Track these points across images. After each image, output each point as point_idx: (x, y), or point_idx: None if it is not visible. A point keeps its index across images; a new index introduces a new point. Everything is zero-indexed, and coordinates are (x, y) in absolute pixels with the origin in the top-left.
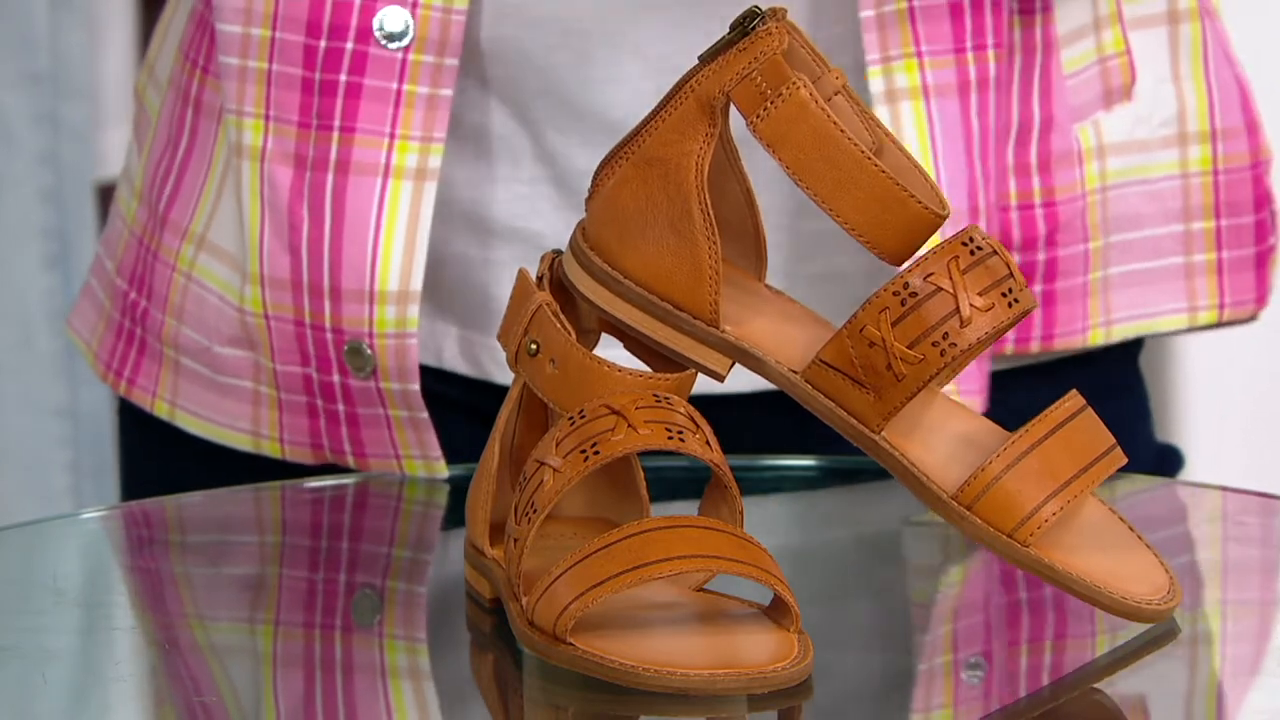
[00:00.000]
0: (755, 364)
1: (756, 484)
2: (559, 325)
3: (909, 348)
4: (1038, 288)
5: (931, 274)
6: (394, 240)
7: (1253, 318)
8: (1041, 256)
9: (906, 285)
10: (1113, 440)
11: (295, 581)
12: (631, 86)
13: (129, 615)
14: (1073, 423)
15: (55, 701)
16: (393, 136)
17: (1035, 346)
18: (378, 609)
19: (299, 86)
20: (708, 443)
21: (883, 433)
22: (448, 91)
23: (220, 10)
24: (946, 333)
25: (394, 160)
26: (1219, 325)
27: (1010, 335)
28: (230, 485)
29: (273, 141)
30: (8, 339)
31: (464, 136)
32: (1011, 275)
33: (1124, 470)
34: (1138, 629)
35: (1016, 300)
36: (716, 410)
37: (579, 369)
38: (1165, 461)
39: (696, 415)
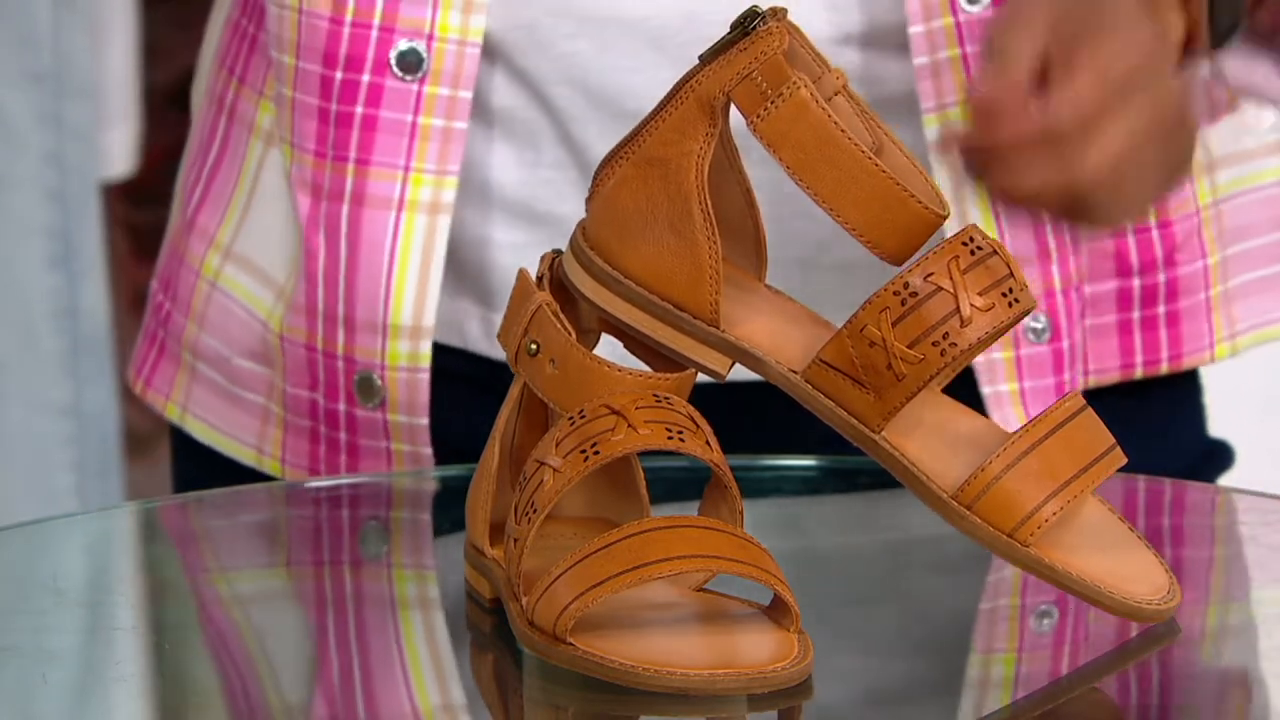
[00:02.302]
0: (755, 364)
1: (756, 484)
2: (559, 325)
3: (909, 347)
4: (1161, 309)
5: (932, 274)
6: (408, 274)
7: None
8: (1162, 277)
9: (907, 285)
10: (1112, 440)
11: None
12: (649, 75)
13: (130, 615)
14: (1073, 422)
15: (55, 701)
16: (407, 169)
17: (1164, 368)
18: (385, 540)
19: (316, 116)
20: (708, 443)
21: (883, 433)
22: (462, 125)
23: (269, 35)
24: (947, 332)
25: (408, 194)
26: None
27: (1139, 359)
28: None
29: (295, 168)
30: (11, 338)
31: (487, 119)
32: (1012, 275)
33: (1157, 469)
34: (1136, 629)
35: (1017, 300)
36: (715, 406)
37: (579, 369)
38: (1215, 456)
39: (696, 415)
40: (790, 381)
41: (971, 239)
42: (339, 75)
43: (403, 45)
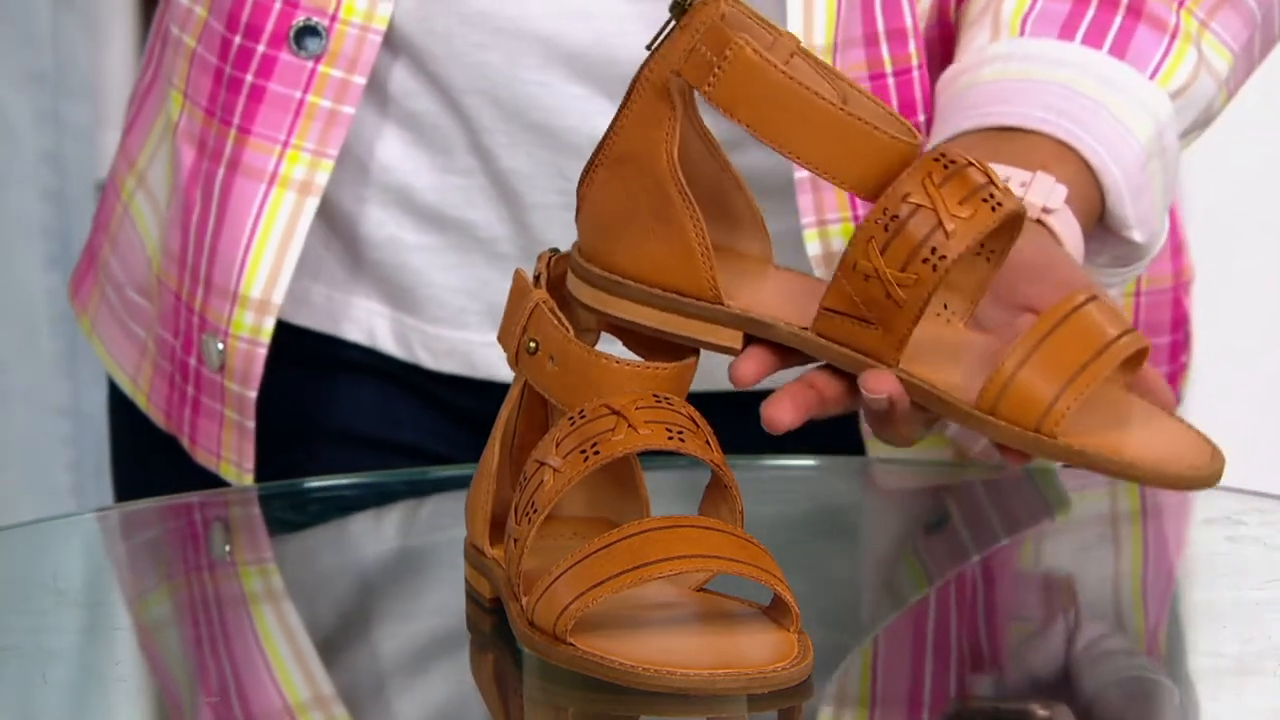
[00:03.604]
0: (765, 329)
1: (756, 484)
2: (557, 322)
3: (901, 271)
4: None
5: (909, 194)
6: (266, 248)
7: None
8: None
9: (886, 210)
10: (1128, 324)
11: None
12: (557, 90)
13: (129, 615)
14: (1082, 311)
15: (55, 701)
16: (286, 145)
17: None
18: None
19: (212, 74)
20: (707, 443)
21: (900, 365)
22: (350, 109)
23: None
24: (934, 247)
25: (282, 169)
26: None
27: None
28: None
29: (185, 119)
30: (10, 338)
31: (400, 121)
32: (991, 182)
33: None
34: (1137, 629)
35: (1000, 204)
36: (716, 410)
37: (579, 364)
38: None
39: (696, 415)
40: (802, 339)
41: (944, 154)
42: (237, 40)
43: (302, 21)
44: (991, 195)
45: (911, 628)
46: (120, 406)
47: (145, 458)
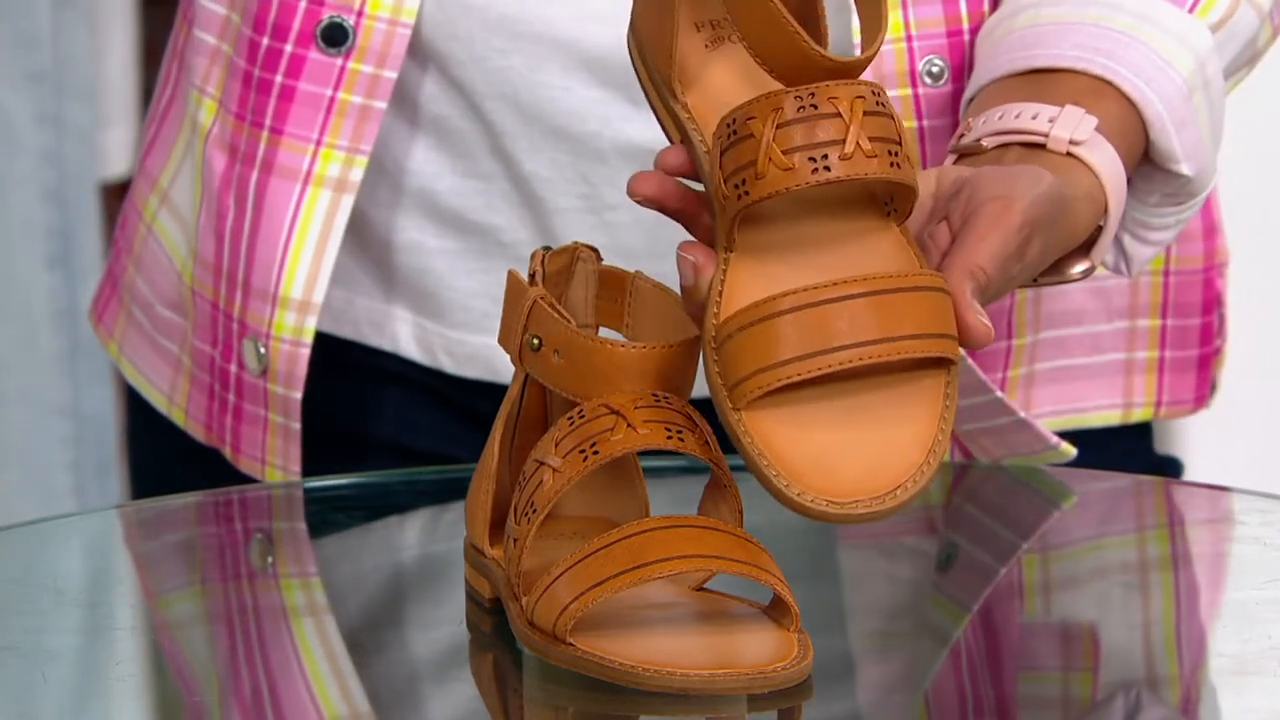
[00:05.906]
0: (691, 147)
1: (755, 484)
2: (557, 316)
3: (725, 181)
4: None
5: (752, 118)
6: (304, 248)
7: (1190, 413)
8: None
9: (734, 121)
10: (953, 329)
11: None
12: (580, 95)
13: (129, 615)
14: (903, 295)
15: (55, 701)
16: (319, 144)
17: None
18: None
19: (241, 78)
20: (706, 442)
21: (731, 253)
22: (381, 104)
23: None
24: (744, 179)
25: (316, 168)
26: (1154, 419)
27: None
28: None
29: (218, 126)
30: (11, 338)
31: (423, 126)
32: (840, 143)
33: (1125, 473)
34: (1140, 632)
35: (827, 168)
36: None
37: (584, 353)
38: (1164, 473)
39: (696, 415)
40: (704, 172)
41: (813, 94)
42: (265, 41)
43: (329, 18)
44: (825, 156)
45: (954, 676)
46: (145, 426)
47: (175, 476)
